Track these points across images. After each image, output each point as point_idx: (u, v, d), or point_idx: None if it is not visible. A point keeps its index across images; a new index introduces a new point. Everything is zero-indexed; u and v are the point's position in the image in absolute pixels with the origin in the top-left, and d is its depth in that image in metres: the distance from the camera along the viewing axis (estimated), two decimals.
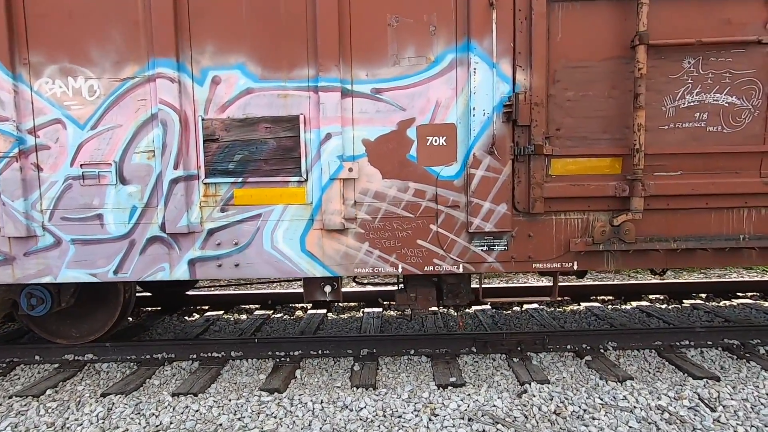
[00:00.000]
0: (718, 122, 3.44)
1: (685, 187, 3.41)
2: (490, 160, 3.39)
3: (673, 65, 3.40)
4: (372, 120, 3.43)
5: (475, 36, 3.32)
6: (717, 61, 3.40)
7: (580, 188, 3.40)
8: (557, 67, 3.40)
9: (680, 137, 3.45)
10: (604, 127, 3.44)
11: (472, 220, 3.44)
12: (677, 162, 3.46)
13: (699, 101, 3.43)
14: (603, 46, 3.38)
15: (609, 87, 3.41)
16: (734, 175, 3.48)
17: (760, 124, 3.44)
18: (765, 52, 3.38)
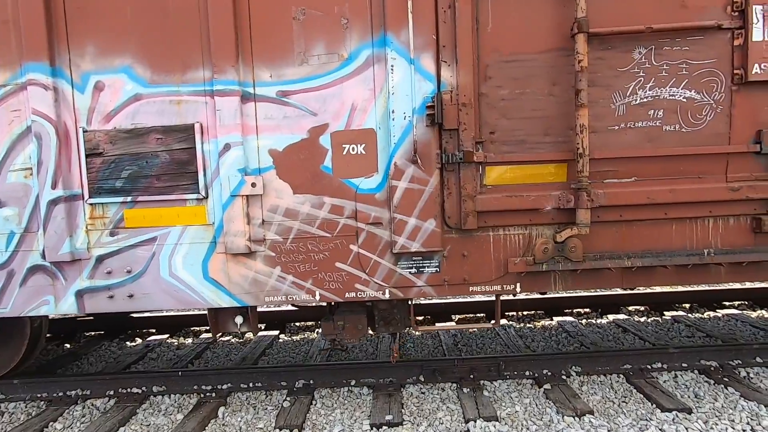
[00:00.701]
0: (675, 120, 3.00)
1: (640, 196, 2.97)
2: (413, 169, 2.96)
3: (622, 56, 2.97)
4: (279, 127, 3.00)
5: (392, 28, 2.90)
6: (672, 51, 2.97)
7: (520, 200, 2.97)
8: (489, 62, 2.98)
9: (633, 138, 3.02)
10: (545, 128, 3.01)
11: (397, 238, 3.01)
12: (631, 167, 3.03)
13: (653, 97, 3.00)
14: (540, 37, 2.95)
15: (549, 83, 2.98)
16: (696, 180, 3.04)
17: (724, 122, 3.00)
18: (726, 39, 2.96)
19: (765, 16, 2.87)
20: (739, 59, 2.93)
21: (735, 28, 2.92)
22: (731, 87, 2.96)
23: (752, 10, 2.86)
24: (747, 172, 3.02)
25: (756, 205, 3.01)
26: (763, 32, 2.87)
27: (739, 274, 3.08)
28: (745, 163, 3.01)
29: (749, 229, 3.06)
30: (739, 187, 2.94)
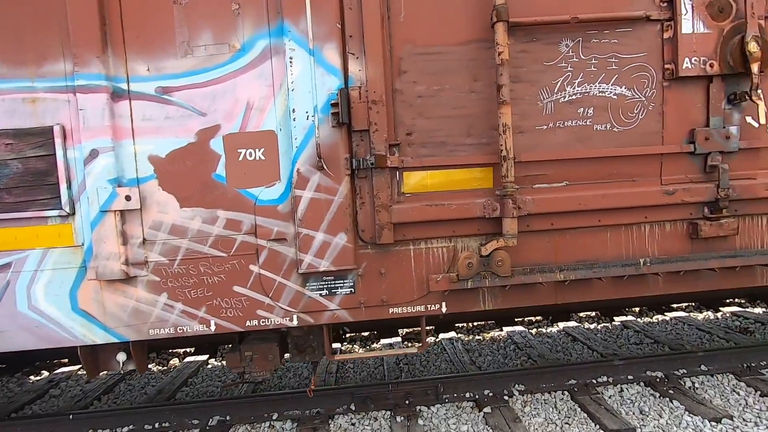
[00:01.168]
0: (606, 119, 2.77)
1: (571, 202, 2.71)
2: (320, 177, 2.58)
3: (549, 49, 2.71)
4: (161, 129, 2.55)
5: (290, 15, 2.52)
6: (600, 44, 2.74)
7: (442, 209, 2.65)
8: (403, 55, 2.65)
9: (562, 139, 2.77)
10: (468, 128, 2.71)
11: (303, 256, 2.62)
12: (561, 170, 2.76)
13: (582, 93, 2.76)
14: (459, 27, 2.65)
15: (470, 78, 2.68)
16: (630, 183, 2.81)
17: (656, 120, 2.80)
18: (656, 31, 2.75)
19: (694, 7, 2.68)
20: (669, 53, 2.73)
21: (664, 19, 2.71)
22: (662, 83, 2.76)
23: (681, 0, 2.68)
24: (682, 174, 2.82)
25: (692, 209, 2.82)
26: (692, 24, 2.69)
27: (677, 283, 2.88)
28: (679, 164, 2.82)
29: (686, 234, 2.86)
30: (674, 191, 2.74)
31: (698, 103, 2.78)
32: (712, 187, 2.74)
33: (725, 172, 2.71)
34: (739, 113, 2.81)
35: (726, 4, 2.69)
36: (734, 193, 2.75)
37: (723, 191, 2.71)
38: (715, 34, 2.69)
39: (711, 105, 2.76)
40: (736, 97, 2.73)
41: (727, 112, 2.80)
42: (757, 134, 2.82)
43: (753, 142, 2.80)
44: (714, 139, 2.76)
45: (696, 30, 2.68)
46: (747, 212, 2.85)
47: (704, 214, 2.81)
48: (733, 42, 2.66)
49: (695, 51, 2.69)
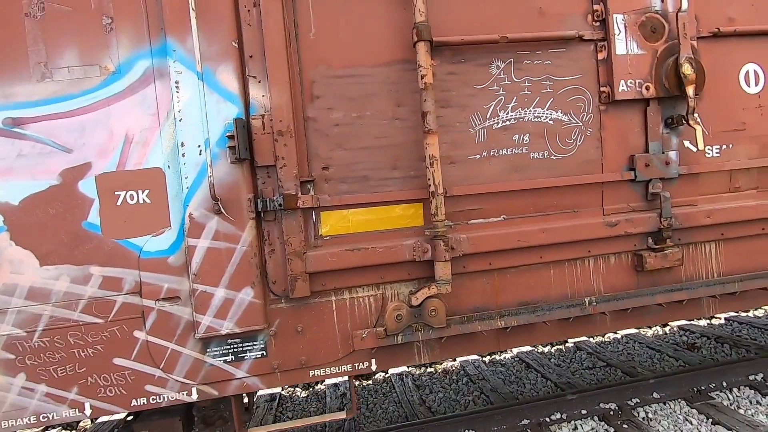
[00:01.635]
0: (543, 146, 2.56)
1: (510, 238, 2.45)
2: (218, 222, 2.18)
3: (479, 71, 2.47)
4: (11, 170, 2.04)
5: (174, 31, 2.11)
6: (533, 65, 2.53)
7: (365, 254, 2.31)
8: (315, 77, 2.32)
9: (498, 169, 2.52)
10: (393, 160, 2.40)
11: (201, 318, 2.18)
12: (497, 203, 2.51)
13: (517, 119, 2.54)
14: (380, 46, 2.35)
15: (393, 104, 2.38)
16: (572, 215, 2.61)
17: (595, 146, 2.62)
18: (590, 52, 2.59)
19: (627, 27, 2.54)
20: (604, 75, 2.56)
21: (597, 39, 2.55)
22: (599, 107, 2.58)
23: (613, 19, 2.52)
24: (624, 203, 2.65)
25: (635, 241, 2.64)
26: (626, 44, 2.54)
27: (624, 320, 2.68)
28: (621, 193, 2.64)
29: (631, 267, 2.68)
30: (616, 222, 2.55)
31: (636, 128, 2.63)
32: (654, 216, 2.58)
33: (667, 200, 2.56)
34: (677, 137, 2.68)
35: (658, 25, 2.56)
36: (677, 221, 2.60)
37: (665, 220, 2.55)
38: (649, 55, 2.56)
39: (649, 130, 2.61)
40: (674, 121, 2.59)
41: (666, 136, 2.66)
42: (696, 159, 2.70)
43: (692, 167, 2.67)
44: (654, 166, 2.61)
45: (630, 51, 2.53)
46: (690, 241, 2.71)
47: (648, 245, 2.64)
48: (668, 64, 2.53)
49: (630, 73, 2.53)
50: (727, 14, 2.71)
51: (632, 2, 2.52)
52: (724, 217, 2.66)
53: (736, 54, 2.73)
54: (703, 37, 2.66)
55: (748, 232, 2.76)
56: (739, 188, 2.79)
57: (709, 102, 2.70)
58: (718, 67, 2.69)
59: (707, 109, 2.70)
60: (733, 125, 2.75)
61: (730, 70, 2.73)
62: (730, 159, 2.75)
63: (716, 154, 2.74)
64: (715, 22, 2.68)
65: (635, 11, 2.53)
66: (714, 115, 2.71)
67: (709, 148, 2.73)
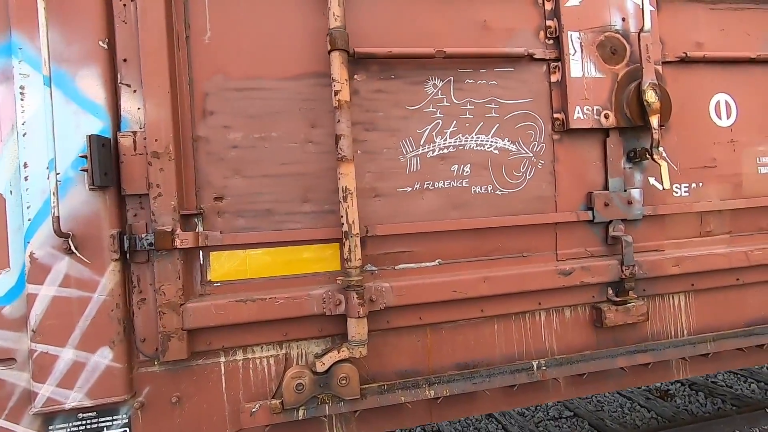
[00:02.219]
0: (486, 179, 2.20)
1: (445, 288, 2.05)
2: (69, 264, 1.72)
3: (413, 90, 2.11)
4: None
5: (22, 24, 1.71)
6: (477, 85, 2.20)
7: (263, 306, 1.85)
8: (210, 89, 1.92)
9: (433, 204, 2.14)
10: (304, 191, 2.00)
11: (39, 387, 1.72)
12: (432, 245, 2.11)
13: (456, 146, 2.18)
14: (292, 55, 1.96)
15: (306, 124, 1.99)
16: (520, 261, 2.24)
17: (548, 181, 2.28)
18: (542, 73, 2.27)
19: (584, 46, 2.24)
20: (558, 100, 2.23)
21: (551, 59, 2.24)
22: (552, 136, 2.25)
23: (567, 37, 2.22)
24: (580, 247, 2.30)
25: (594, 292, 2.28)
26: (582, 66, 2.23)
27: (581, 386, 2.29)
28: (577, 235, 2.28)
29: (589, 322, 2.30)
30: (571, 270, 2.19)
31: (595, 162, 2.30)
32: (615, 263, 2.23)
33: (629, 245, 2.21)
34: (641, 174, 2.35)
35: (619, 46, 2.27)
36: (641, 270, 2.25)
37: (627, 269, 2.20)
38: (608, 79, 2.25)
39: (609, 164, 2.29)
40: (637, 155, 2.27)
41: (628, 172, 2.34)
42: (663, 198, 2.38)
43: (658, 207, 2.34)
44: (615, 205, 2.28)
45: (587, 74, 2.22)
46: (657, 292, 2.35)
47: (609, 296, 2.28)
48: (629, 90, 2.22)
49: (587, 99, 2.21)
50: (694, 39, 2.44)
51: (589, 19, 2.23)
52: (695, 266, 2.32)
53: (705, 82, 2.45)
54: (669, 62, 2.37)
55: (721, 282, 2.43)
56: (710, 232, 2.47)
57: (677, 135, 2.40)
58: (686, 97, 2.40)
59: (674, 142, 2.39)
60: (703, 161, 2.45)
61: (699, 100, 2.44)
62: (700, 199, 2.43)
63: (685, 194, 2.42)
64: (682, 46, 2.41)
65: (593, 29, 2.23)
66: (682, 150, 2.41)
67: (677, 187, 2.41)
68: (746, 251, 2.40)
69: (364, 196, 2.01)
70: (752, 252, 2.40)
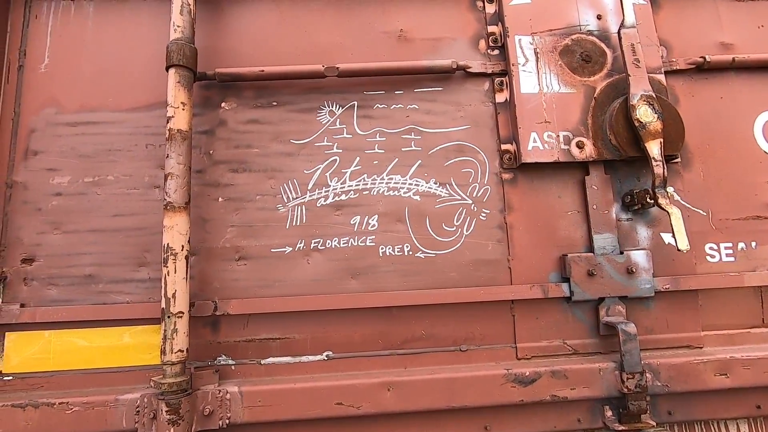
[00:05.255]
0: (403, 236, 1.52)
1: (325, 398, 1.35)
2: None
3: (301, 119, 1.61)
4: None
5: None
6: (390, 111, 1.65)
7: (50, 416, 1.32)
8: (37, 125, 1.54)
9: (322, 271, 1.49)
10: (141, 251, 1.48)
11: None
12: (318, 331, 1.46)
13: (359, 191, 1.60)
14: (139, 82, 1.58)
15: (153, 165, 1.49)
16: (455, 356, 1.49)
17: (496, 238, 1.57)
18: (483, 92, 1.68)
19: (540, 54, 1.65)
20: (506, 126, 1.64)
21: (495, 74, 1.67)
22: (501, 175, 1.62)
23: (514, 43, 1.65)
24: (555, 339, 1.53)
25: (579, 413, 1.43)
26: (538, 79, 1.62)
27: None
28: (548, 320, 1.50)
29: None
30: (534, 377, 1.39)
31: (571, 210, 1.60)
32: (611, 368, 1.43)
33: (631, 339, 1.41)
34: (648, 228, 1.60)
35: (594, 51, 1.64)
36: (657, 380, 1.42)
37: (631, 377, 1.39)
38: (580, 95, 1.60)
39: (593, 213, 1.57)
40: (636, 200, 1.55)
41: (627, 225, 1.59)
42: (689, 265, 1.58)
43: (682, 280, 1.53)
44: (605, 275, 1.51)
45: (547, 89, 1.60)
46: (694, 417, 1.48)
47: (606, 421, 1.45)
48: (613, 108, 1.56)
49: (548, 122, 1.57)
50: (716, 39, 1.75)
51: (547, 19, 1.64)
52: (757, 376, 1.44)
53: (743, 96, 1.71)
54: (680, 71, 1.69)
55: None
56: None
57: (703, 170, 1.63)
58: (713, 116, 1.66)
59: (700, 181, 1.62)
60: (754, 209, 1.63)
61: (736, 120, 1.68)
62: (754, 267, 1.59)
63: (728, 258, 1.59)
64: (699, 50, 1.72)
65: (552, 32, 1.64)
66: (715, 192, 1.62)
67: (712, 248, 1.60)
68: None
69: (223, 258, 1.47)
70: None
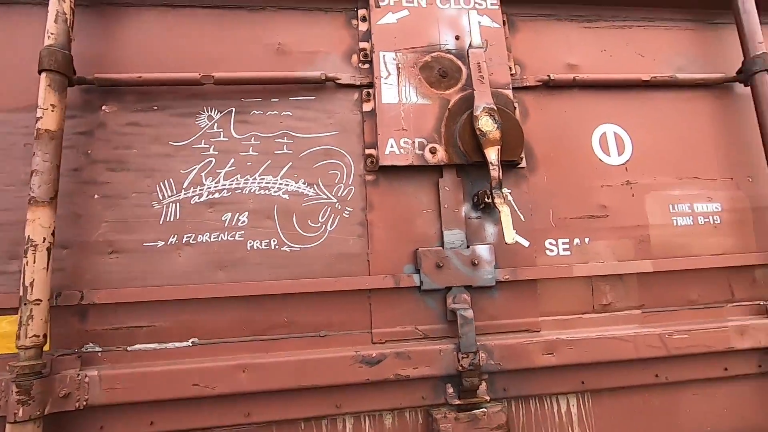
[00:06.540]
0: (270, 231, 1.66)
1: (183, 381, 1.43)
2: None
3: (180, 123, 1.70)
4: None
5: None
6: (266, 117, 1.77)
7: None
8: None
9: (192, 263, 1.59)
10: (13, 245, 1.53)
11: None
12: (185, 320, 1.55)
13: (231, 190, 1.72)
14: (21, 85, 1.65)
15: (29, 164, 1.64)
16: (315, 342, 1.66)
17: (357, 233, 1.72)
18: (353, 102, 1.85)
19: (401, 69, 1.82)
20: (371, 133, 1.81)
21: (363, 85, 1.83)
22: (365, 176, 1.77)
23: (379, 58, 1.82)
24: (408, 325, 1.69)
25: (424, 391, 1.60)
26: (398, 91, 1.80)
27: None
28: (402, 308, 1.66)
29: None
30: (379, 358, 1.53)
31: (427, 209, 1.77)
32: (450, 349, 1.60)
33: (468, 323, 1.58)
34: (495, 225, 1.79)
35: (451, 68, 1.83)
36: (491, 359, 1.60)
37: (465, 357, 1.56)
38: (435, 106, 1.78)
39: (445, 212, 1.75)
40: (481, 200, 1.74)
41: (475, 222, 1.77)
42: (531, 258, 1.78)
43: (520, 270, 1.73)
44: (452, 267, 1.68)
45: (405, 99, 1.78)
46: (527, 393, 1.66)
47: (447, 397, 1.62)
48: (463, 118, 1.76)
49: (405, 129, 1.74)
50: (565, 60, 1.98)
51: (410, 38, 1.83)
52: (580, 355, 1.64)
53: (584, 110, 1.93)
54: (530, 87, 1.90)
55: (632, 380, 1.70)
56: (608, 306, 1.79)
57: (546, 175, 1.84)
58: (558, 128, 1.88)
59: (543, 184, 1.83)
60: (588, 209, 1.84)
61: (577, 131, 1.90)
62: (587, 260, 1.81)
63: (564, 252, 1.80)
64: (549, 69, 1.95)
65: (414, 50, 1.82)
66: (556, 194, 1.82)
67: (552, 244, 1.80)
68: (661, 334, 1.69)
69: (95, 251, 1.56)
70: (671, 335, 1.69)
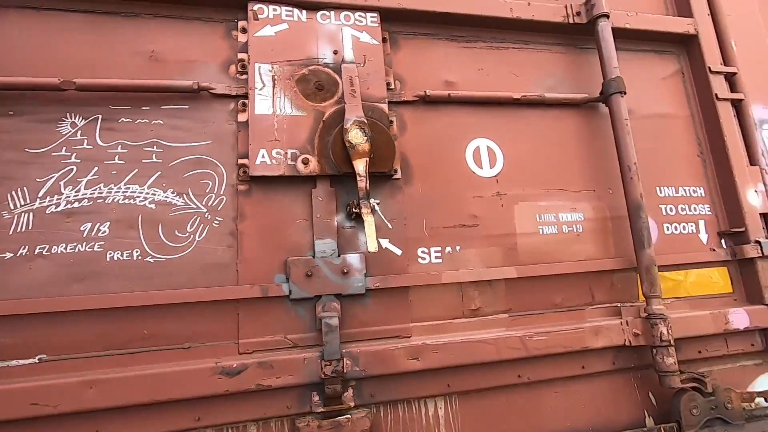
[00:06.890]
0: (133, 242, 1.62)
1: (20, 400, 1.42)
2: None
3: (40, 130, 1.62)
4: None
5: None
6: (135, 125, 1.70)
7: None
8: None
9: (45, 276, 1.51)
10: None
11: None
12: (32, 335, 1.48)
13: (92, 199, 1.66)
14: None
15: None
16: (178, 355, 1.65)
17: (227, 243, 1.70)
18: (228, 112, 1.85)
19: (277, 80, 1.85)
20: (244, 143, 1.82)
21: (239, 96, 1.85)
22: (237, 186, 1.78)
23: (255, 69, 1.84)
24: (277, 335, 1.70)
25: (289, 400, 1.60)
26: (273, 103, 1.83)
27: None
28: (271, 318, 1.65)
29: None
30: (240, 368, 1.52)
31: (300, 218, 1.80)
32: (314, 357, 1.62)
33: (331, 331, 1.61)
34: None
35: (327, 81, 1.88)
36: (356, 366, 1.64)
37: (328, 364, 1.59)
38: (309, 118, 1.82)
39: (317, 221, 1.79)
40: (352, 210, 1.79)
41: (349, 232, 1.82)
42: (402, 266, 1.84)
43: (390, 278, 1.78)
44: (322, 276, 1.71)
45: (279, 111, 1.81)
46: (393, 397, 1.71)
47: (312, 405, 1.63)
48: (336, 130, 1.81)
49: (277, 140, 1.77)
50: (443, 78, 2.09)
51: (287, 51, 1.87)
52: (444, 358, 1.70)
53: (459, 126, 2.04)
54: (409, 102, 1.99)
55: (495, 381, 1.79)
56: (478, 311, 1.89)
57: (421, 186, 1.92)
58: (433, 141, 1.97)
59: (418, 195, 1.90)
60: (460, 219, 1.94)
61: (452, 145, 2.00)
62: (458, 267, 1.90)
63: (436, 260, 1.88)
64: (428, 86, 2.04)
65: (291, 62, 1.86)
66: (430, 205, 1.89)
67: (424, 252, 1.87)
68: (522, 336, 1.79)
69: None
70: (531, 337, 1.80)
